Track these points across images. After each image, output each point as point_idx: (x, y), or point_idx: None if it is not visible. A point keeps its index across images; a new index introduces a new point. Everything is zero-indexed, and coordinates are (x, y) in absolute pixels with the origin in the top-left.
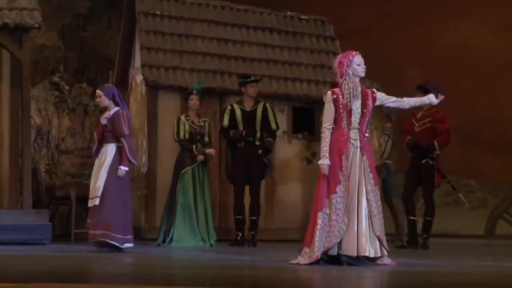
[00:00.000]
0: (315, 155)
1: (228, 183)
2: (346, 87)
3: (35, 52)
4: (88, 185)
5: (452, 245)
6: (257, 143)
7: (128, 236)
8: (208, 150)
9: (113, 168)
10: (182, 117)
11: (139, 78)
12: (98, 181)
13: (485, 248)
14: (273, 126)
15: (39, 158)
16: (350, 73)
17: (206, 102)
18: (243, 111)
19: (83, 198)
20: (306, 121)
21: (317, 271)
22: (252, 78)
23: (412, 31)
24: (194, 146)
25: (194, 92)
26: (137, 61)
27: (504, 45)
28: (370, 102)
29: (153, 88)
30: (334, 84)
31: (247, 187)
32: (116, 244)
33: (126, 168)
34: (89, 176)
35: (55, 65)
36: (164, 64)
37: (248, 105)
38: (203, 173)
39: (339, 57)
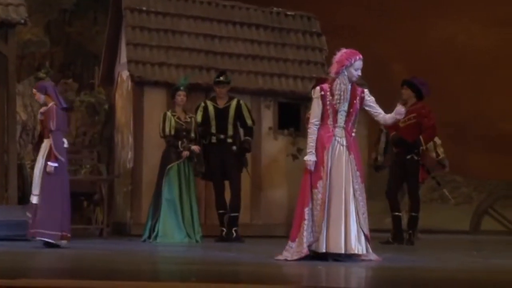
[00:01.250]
0: (301, 151)
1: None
2: (337, 87)
3: (20, 48)
4: (74, 181)
5: (437, 241)
6: (229, 140)
7: (64, 233)
8: (193, 147)
9: (46, 164)
10: (168, 113)
11: (125, 74)
12: (36, 178)
13: (471, 244)
14: (249, 122)
15: (25, 154)
16: (346, 74)
17: (192, 98)
18: (215, 108)
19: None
20: (292, 117)
21: (303, 267)
22: (220, 79)
23: (400, 28)
24: (179, 142)
25: (181, 88)
26: (123, 57)
27: (492, 42)
28: (357, 102)
29: (139, 84)
30: (320, 79)
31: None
32: (50, 241)
33: (54, 164)
34: (74, 172)
35: (40, 61)
36: (150, 60)
37: (221, 102)
38: (188, 169)
39: (342, 53)
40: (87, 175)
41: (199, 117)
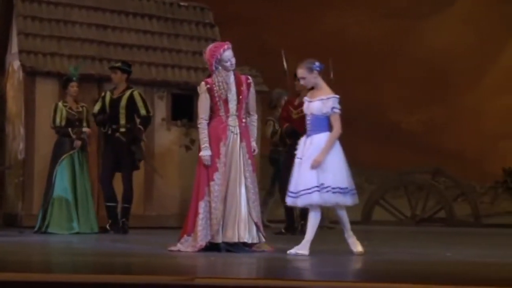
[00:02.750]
0: (194, 142)
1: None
2: (216, 80)
3: None
4: None
5: (328, 232)
6: (122, 129)
7: None
8: (84, 129)
9: None
10: (60, 104)
11: (16, 64)
12: None
13: (362, 234)
14: (142, 111)
15: None
16: (220, 68)
17: (84, 88)
18: (111, 98)
19: None
20: (185, 108)
21: (196, 258)
22: (113, 64)
23: (293, 18)
24: (70, 129)
25: (74, 79)
26: (14, 47)
27: (383, 32)
28: (245, 88)
29: (31, 74)
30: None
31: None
32: None
33: None
34: None
35: None
36: (42, 50)
37: (117, 92)
38: (82, 159)
39: (209, 49)
40: None
41: (97, 107)
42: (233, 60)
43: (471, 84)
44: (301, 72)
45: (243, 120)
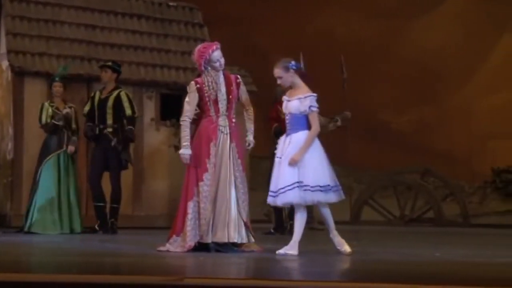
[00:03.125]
0: None
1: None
2: (205, 79)
3: None
4: None
5: (319, 232)
6: (109, 130)
7: None
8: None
9: None
10: (46, 104)
11: (4, 64)
12: None
13: (351, 234)
14: (128, 112)
15: None
16: (209, 68)
17: (74, 88)
18: (99, 98)
19: None
20: (174, 108)
21: (185, 258)
22: (104, 63)
23: (281, 19)
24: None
25: (57, 79)
26: (2, 47)
27: (371, 33)
28: (234, 88)
29: (19, 74)
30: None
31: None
32: None
33: None
34: None
35: None
36: (31, 50)
37: (105, 92)
38: (68, 160)
39: (197, 50)
40: None
41: (87, 107)
42: (222, 61)
43: (461, 84)
44: (277, 71)
45: (233, 120)
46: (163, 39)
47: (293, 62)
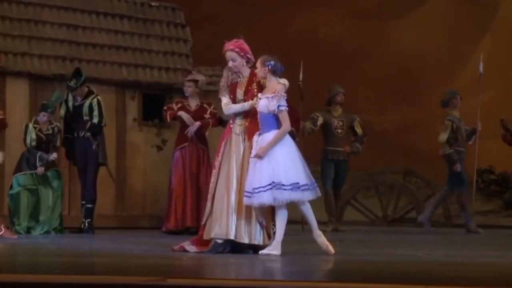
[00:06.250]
0: (166, 142)
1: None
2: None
3: None
4: None
5: (300, 232)
6: (87, 134)
7: None
8: (51, 157)
9: None
10: (30, 125)
11: None
12: None
13: (333, 234)
14: (95, 119)
15: None
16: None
17: (55, 88)
18: (73, 106)
19: None
20: (156, 108)
21: (169, 258)
22: (70, 84)
23: (262, 19)
24: (38, 155)
25: (49, 110)
26: None
27: (352, 33)
28: (253, 88)
29: (1, 75)
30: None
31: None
32: None
33: None
34: None
35: None
36: (12, 50)
37: (79, 99)
38: (45, 176)
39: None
40: None
41: (62, 111)
42: (231, 62)
43: (443, 84)
44: (257, 62)
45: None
46: (145, 39)
47: (272, 62)
